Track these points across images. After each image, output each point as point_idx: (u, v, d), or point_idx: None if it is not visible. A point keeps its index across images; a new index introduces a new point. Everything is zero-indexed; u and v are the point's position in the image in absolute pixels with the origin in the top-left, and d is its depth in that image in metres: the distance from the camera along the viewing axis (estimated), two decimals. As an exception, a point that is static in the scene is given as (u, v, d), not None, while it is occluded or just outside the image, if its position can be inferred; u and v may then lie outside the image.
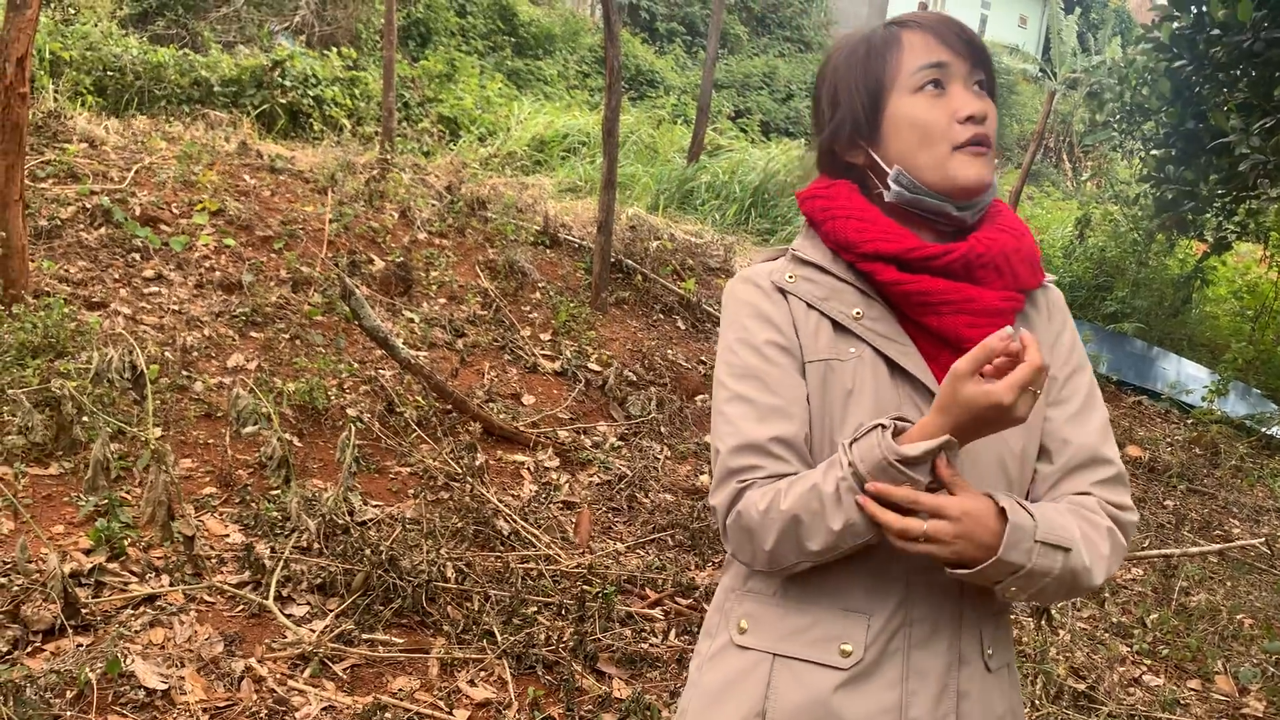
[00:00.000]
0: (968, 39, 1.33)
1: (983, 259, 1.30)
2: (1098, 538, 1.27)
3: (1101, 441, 1.35)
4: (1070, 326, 1.42)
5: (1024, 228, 1.38)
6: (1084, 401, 1.37)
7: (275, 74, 9.80)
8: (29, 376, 3.79)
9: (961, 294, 1.29)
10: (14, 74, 4.22)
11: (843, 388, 1.30)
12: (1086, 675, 3.69)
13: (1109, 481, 1.34)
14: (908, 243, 1.31)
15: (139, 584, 3.09)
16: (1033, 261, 1.36)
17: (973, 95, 1.32)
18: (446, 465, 4.21)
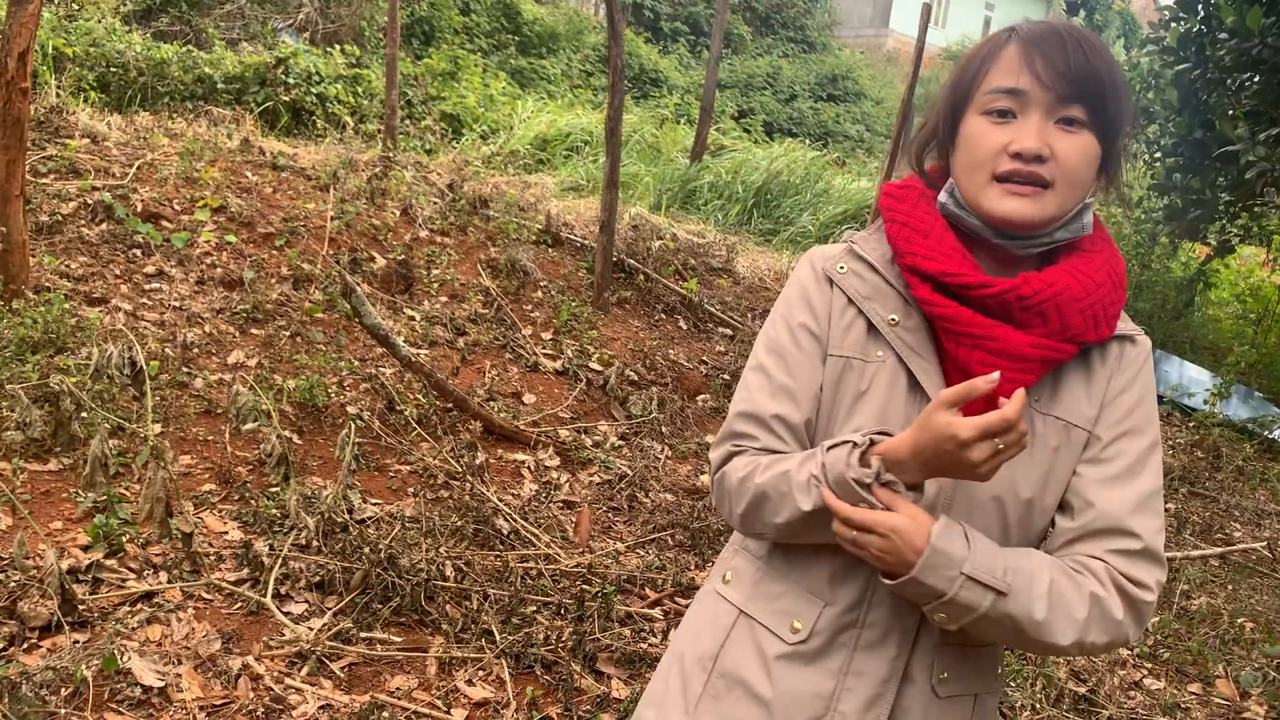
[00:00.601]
0: (1065, 68, 1.23)
1: (1026, 301, 1.25)
2: (1074, 599, 1.22)
3: (1131, 513, 1.27)
4: (1140, 389, 1.32)
5: (1103, 277, 1.29)
6: (1125, 468, 1.29)
7: (278, 71, 9.80)
8: (28, 372, 3.78)
9: (985, 330, 1.26)
10: (15, 69, 4.21)
11: (856, 388, 1.33)
12: (1087, 678, 3.68)
13: (1129, 554, 1.26)
14: (949, 266, 1.28)
15: (137, 581, 3.08)
16: (1099, 314, 1.28)
17: (1038, 130, 1.24)
18: (446, 464, 4.20)
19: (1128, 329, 1.34)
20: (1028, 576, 1.21)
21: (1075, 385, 1.31)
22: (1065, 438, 1.30)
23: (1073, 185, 1.26)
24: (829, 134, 20.42)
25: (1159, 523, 1.29)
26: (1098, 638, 1.23)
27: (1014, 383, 1.24)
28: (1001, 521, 1.30)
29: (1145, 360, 1.34)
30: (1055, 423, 1.30)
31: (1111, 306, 1.30)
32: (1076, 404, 1.30)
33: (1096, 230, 1.36)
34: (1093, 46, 1.25)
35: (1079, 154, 1.25)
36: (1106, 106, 1.25)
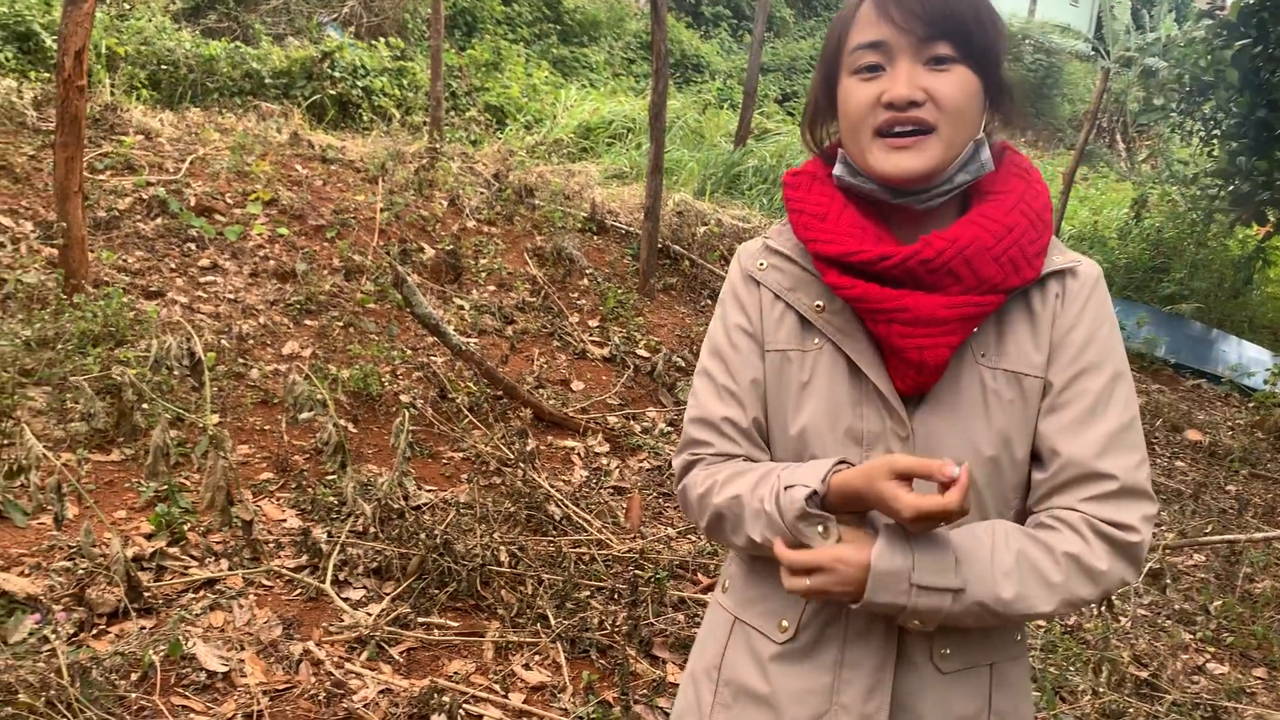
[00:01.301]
0: (920, 8, 1.19)
1: (931, 264, 1.21)
2: (1046, 564, 1.19)
3: (1100, 454, 1.22)
4: (1091, 323, 1.26)
5: (1015, 218, 1.24)
6: (1087, 409, 1.23)
7: (325, 65, 9.88)
8: (90, 364, 3.86)
9: (895, 302, 1.22)
10: (72, 67, 4.29)
11: (798, 379, 1.31)
12: (1149, 663, 3.62)
13: (1105, 498, 1.22)
14: (848, 245, 1.25)
15: (199, 568, 3.14)
16: (1016, 258, 1.22)
17: (907, 76, 1.20)
18: (498, 450, 4.22)
19: (1063, 261, 1.27)
20: (985, 560, 1.18)
21: (1020, 332, 1.26)
22: (1019, 389, 1.25)
23: (957, 124, 1.22)
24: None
25: (1135, 456, 1.23)
26: (1084, 592, 1.21)
27: (939, 348, 1.21)
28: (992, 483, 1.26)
29: (1092, 290, 1.28)
30: (1005, 375, 1.25)
31: (1031, 246, 1.24)
32: (1024, 352, 1.26)
33: (1009, 164, 1.31)
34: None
35: (955, 90, 1.21)
36: (973, 37, 1.21)
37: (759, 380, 1.34)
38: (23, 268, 4.52)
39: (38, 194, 5.28)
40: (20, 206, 5.15)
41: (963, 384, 1.25)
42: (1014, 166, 1.31)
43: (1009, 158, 1.33)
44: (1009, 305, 1.26)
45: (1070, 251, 1.31)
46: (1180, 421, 6.74)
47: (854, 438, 1.28)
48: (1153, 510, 1.24)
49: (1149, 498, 1.24)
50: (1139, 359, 8.25)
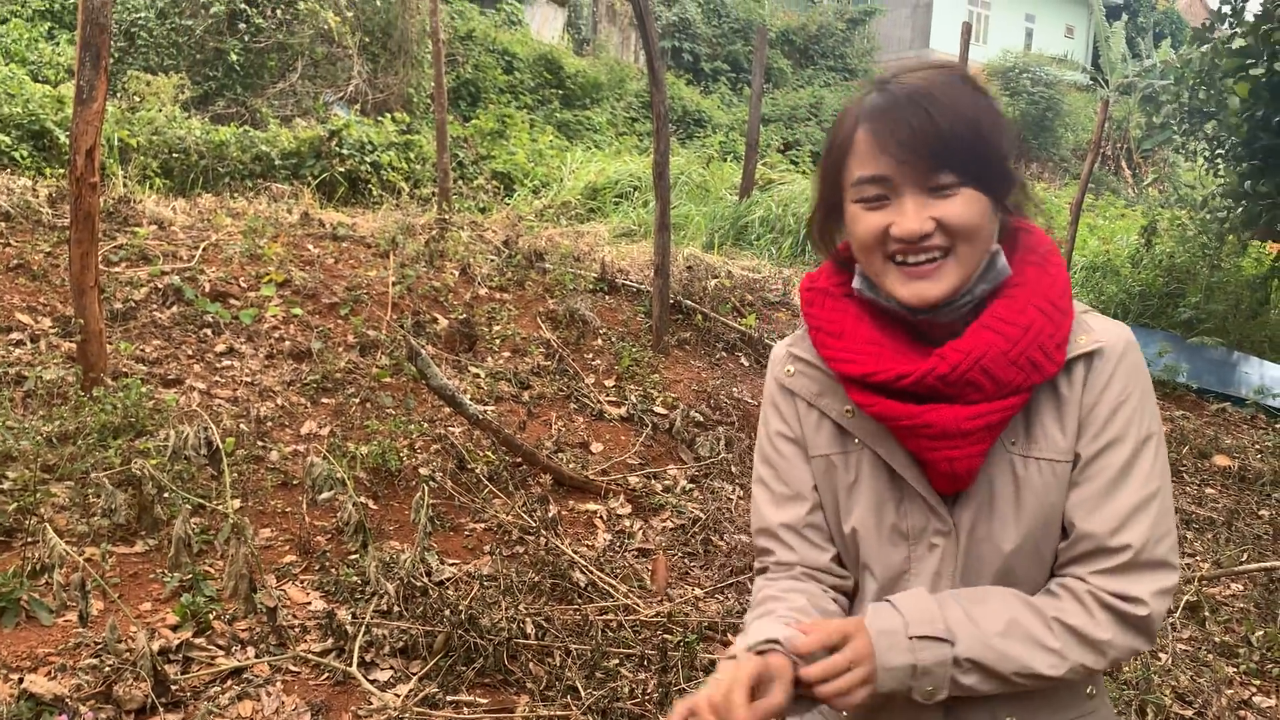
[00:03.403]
0: (917, 141, 1.19)
1: (947, 379, 1.22)
2: (1037, 627, 1.22)
3: (1116, 529, 1.23)
4: (1114, 398, 1.26)
5: (1031, 315, 1.24)
6: (1107, 483, 1.25)
7: (333, 143, 10.06)
8: (111, 457, 3.89)
9: (919, 419, 1.24)
10: (84, 166, 4.37)
11: (845, 481, 1.35)
12: (1193, 700, 3.55)
13: (1115, 570, 1.23)
14: (867, 366, 1.27)
15: (225, 657, 3.13)
16: (1036, 357, 1.23)
17: (914, 211, 1.21)
18: (520, 519, 4.21)
19: (1088, 343, 1.27)
20: (972, 619, 1.22)
21: (1047, 419, 1.27)
22: (1050, 474, 1.26)
23: (971, 243, 1.23)
24: (878, 159, 20.30)
25: (1156, 529, 1.24)
26: (1088, 660, 1.22)
27: (969, 458, 1.23)
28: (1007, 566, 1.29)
29: (1118, 363, 1.27)
30: (1035, 462, 1.27)
31: (1050, 340, 1.24)
32: (1051, 438, 1.27)
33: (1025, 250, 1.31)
34: (938, 104, 1.20)
35: (964, 213, 1.21)
36: (976, 159, 1.21)
37: (809, 480, 1.39)
38: (42, 364, 4.57)
39: (55, 290, 5.36)
40: (38, 303, 5.23)
41: (996, 475, 1.27)
42: (1030, 254, 1.30)
43: (1024, 241, 1.32)
44: (1036, 393, 1.27)
45: (1097, 322, 1.30)
46: (1207, 447, 6.66)
47: (900, 534, 1.32)
48: (1170, 582, 1.25)
49: (1167, 568, 1.25)
50: (1161, 385, 8.18)
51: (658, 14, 21.30)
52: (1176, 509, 5.58)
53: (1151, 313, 9.53)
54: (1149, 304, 9.60)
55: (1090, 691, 1.34)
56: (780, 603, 1.35)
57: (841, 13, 26.72)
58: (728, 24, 23.19)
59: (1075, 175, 22.74)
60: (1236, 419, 7.73)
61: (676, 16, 22.20)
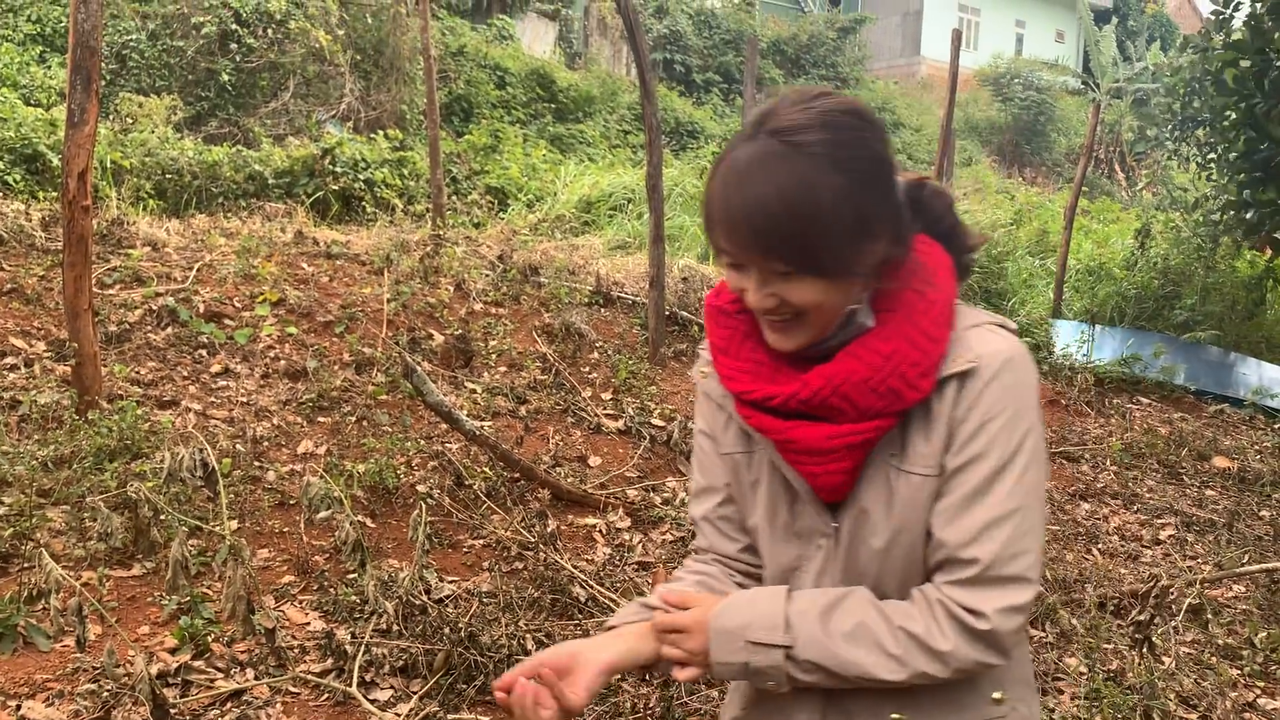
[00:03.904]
0: (743, 233, 1.20)
1: (810, 403, 1.28)
2: (883, 634, 1.27)
3: (968, 542, 1.26)
4: (981, 415, 1.27)
5: (895, 345, 1.26)
6: (965, 496, 1.27)
7: (326, 161, 10.06)
8: (107, 480, 3.87)
9: (786, 434, 1.31)
10: (76, 189, 4.37)
11: (749, 479, 1.43)
12: (1197, 703, 3.53)
13: (964, 583, 1.26)
14: (743, 384, 1.34)
15: (225, 680, 3.11)
16: (897, 385, 1.25)
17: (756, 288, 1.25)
18: (518, 535, 4.20)
19: (962, 364, 1.28)
20: (823, 621, 1.28)
21: (918, 434, 1.30)
22: (920, 486, 1.30)
23: (818, 314, 1.27)
24: (871, 166, 20.36)
25: (1009, 546, 1.25)
26: (931, 669, 1.26)
27: (831, 474, 1.30)
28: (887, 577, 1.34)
29: (988, 383, 1.27)
30: (906, 476, 1.31)
31: (914, 369, 1.26)
32: (920, 453, 1.30)
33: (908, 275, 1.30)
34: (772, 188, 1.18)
35: (803, 297, 1.24)
36: (801, 250, 1.20)
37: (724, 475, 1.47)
38: (37, 388, 4.56)
39: (49, 313, 5.35)
40: (32, 327, 5.22)
41: (872, 485, 1.33)
42: (915, 279, 1.30)
43: (913, 264, 1.31)
44: (912, 410, 1.30)
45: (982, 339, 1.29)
46: (1206, 449, 6.66)
47: (793, 533, 1.39)
48: (1020, 599, 1.26)
49: (1018, 584, 1.26)
50: (1159, 388, 8.18)
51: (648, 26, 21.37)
52: (1176, 511, 5.57)
53: (1147, 315, 9.53)
54: (1145, 306, 9.60)
55: (997, 697, 1.36)
56: (680, 583, 1.48)
57: (832, 22, 26.83)
58: (719, 35, 23.27)
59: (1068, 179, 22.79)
60: (1235, 420, 7.73)
61: (667, 29, 22.28)
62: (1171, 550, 5.10)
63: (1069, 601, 4.25)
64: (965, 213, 10.82)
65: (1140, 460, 6.40)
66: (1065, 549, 4.92)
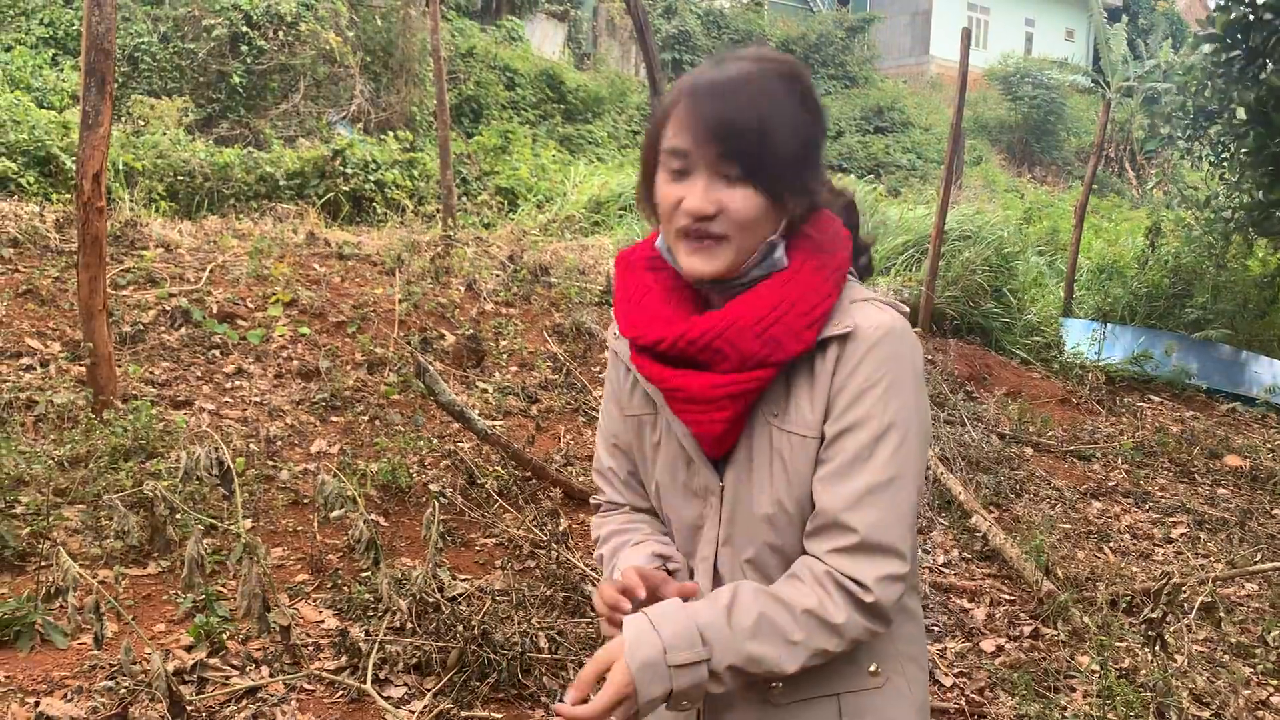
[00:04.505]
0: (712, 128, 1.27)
1: (696, 344, 1.31)
2: (785, 623, 1.26)
3: (847, 508, 1.28)
4: (862, 379, 1.30)
5: (783, 294, 1.30)
6: (844, 463, 1.29)
7: (336, 163, 10.10)
8: (123, 480, 3.90)
9: (672, 382, 1.34)
10: (91, 190, 4.40)
11: (651, 440, 1.47)
12: (1210, 701, 3.53)
13: (845, 551, 1.28)
14: (637, 330, 1.37)
15: (240, 677, 3.13)
16: (781, 335, 1.29)
17: (703, 189, 1.28)
18: (530, 533, 4.21)
19: (841, 327, 1.31)
20: (723, 624, 1.26)
21: (801, 395, 1.33)
22: (801, 448, 1.32)
23: (746, 233, 1.30)
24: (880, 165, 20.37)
25: (887, 514, 1.27)
26: (828, 644, 1.27)
27: (712, 423, 1.32)
28: (768, 528, 1.35)
29: (870, 351, 1.30)
30: (788, 436, 1.33)
31: (800, 320, 1.30)
32: (802, 414, 1.32)
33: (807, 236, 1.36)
34: (742, 98, 1.27)
35: (744, 206, 1.28)
36: (760, 160, 1.27)
37: (623, 438, 1.53)
38: (53, 388, 4.59)
39: (64, 314, 5.39)
40: (47, 328, 5.25)
41: (755, 443, 1.35)
42: (807, 241, 1.36)
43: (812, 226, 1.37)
44: (796, 369, 1.33)
45: (864, 312, 1.33)
46: (1218, 448, 6.64)
47: (691, 491, 1.42)
48: (897, 569, 1.28)
49: (894, 556, 1.28)
50: (1170, 386, 8.16)
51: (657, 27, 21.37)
52: (1188, 509, 5.56)
53: (1159, 314, 9.51)
54: (1156, 305, 9.57)
55: (873, 669, 1.38)
56: (631, 532, 1.51)
57: (841, 21, 26.80)
58: (728, 35, 23.26)
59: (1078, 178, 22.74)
60: (1247, 419, 7.71)
61: (676, 29, 22.28)
62: (1184, 548, 5.09)
63: (1081, 600, 4.25)
64: (976, 213, 10.81)
65: (1152, 459, 6.39)
66: (1077, 547, 4.91)
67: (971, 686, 3.57)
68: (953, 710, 3.41)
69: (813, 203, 1.36)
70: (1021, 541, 4.65)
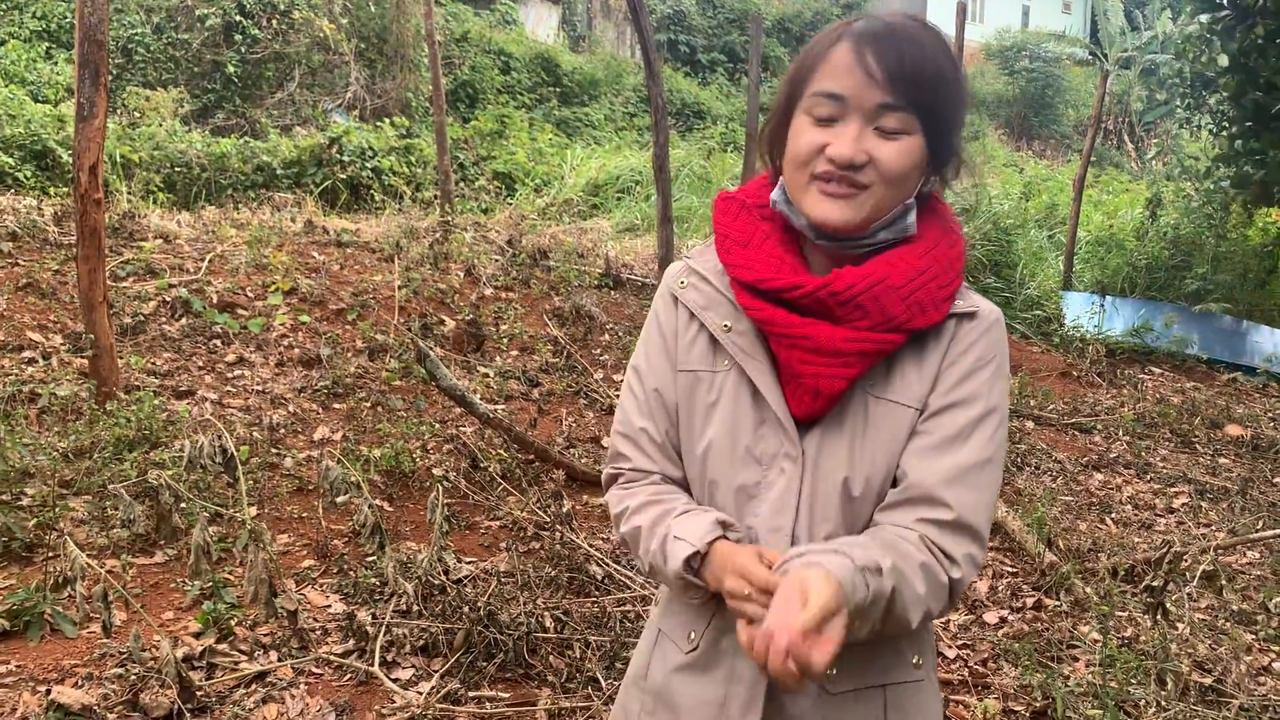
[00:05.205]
0: (890, 72, 1.22)
1: (840, 296, 1.26)
2: (911, 575, 1.20)
3: (945, 483, 1.24)
4: (973, 361, 1.29)
5: (927, 263, 1.29)
6: (945, 438, 1.26)
7: (333, 151, 10.09)
8: (127, 470, 3.92)
9: (801, 330, 1.27)
10: (88, 182, 4.40)
11: (706, 400, 1.36)
12: (1212, 668, 3.55)
13: (939, 525, 1.24)
14: (763, 273, 1.30)
15: (249, 662, 3.16)
16: (923, 300, 1.27)
17: (855, 138, 1.24)
18: (534, 515, 4.23)
19: (966, 306, 1.31)
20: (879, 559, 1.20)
21: (908, 367, 1.30)
22: (896, 418, 1.29)
23: (892, 188, 1.26)
24: (878, 143, 20.29)
25: (979, 496, 1.25)
26: (936, 603, 1.23)
27: (834, 378, 1.26)
28: (847, 499, 1.29)
29: (986, 332, 1.31)
30: (886, 404, 1.29)
31: (941, 290, 1.28)
32: (908, 386, 1.29)
33: (932, 214, 1.35)
34: (922, 45, 1.23)
35: (899, 159, 1.25)
36: (935, 108, 1.25)
37: (672, 398, 1.39)
38: (55, 381, 4.61)
39: (64, 307, 5.40)
40: (49, 321, 5.27)
41: (848, 410, 1.29)
42: (937, 219, 1.35)
43: (935, 207, 1.36)
44: (905, 342, 1.29)
45: (978, 298, 1.34)
46: (1219, 417, 6.66)
47: (753, 457, 1.32)
48: (979, 553, 1.26)
49: (978, 540, 1.26)
50: (1171, 357, 8.16)
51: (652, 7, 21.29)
52: (1190, 479, 5.57)
53: (1159, 285, 9.51)
54: (1156, 276, 9.57)
55: (915, 661, 1.35)
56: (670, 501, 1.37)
57: (837, -2, 26.66)
58: (723, 14, 23.16)
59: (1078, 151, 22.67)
60: (1248, 388, 7.72)
61: (671, 9, 22.19)
62: (1185, 518, 5.11)
63: (1083, 570, 4.27)
64: (975, 187, 10.79)
65: (1153, 430, 6.40)
66: (1079, 519, 4.93)
67: (975, 658, 3.59)
68: (956, 682, 3.43)
69: (954, 173, 1.34)
70: (1024, 514, 4.67)
